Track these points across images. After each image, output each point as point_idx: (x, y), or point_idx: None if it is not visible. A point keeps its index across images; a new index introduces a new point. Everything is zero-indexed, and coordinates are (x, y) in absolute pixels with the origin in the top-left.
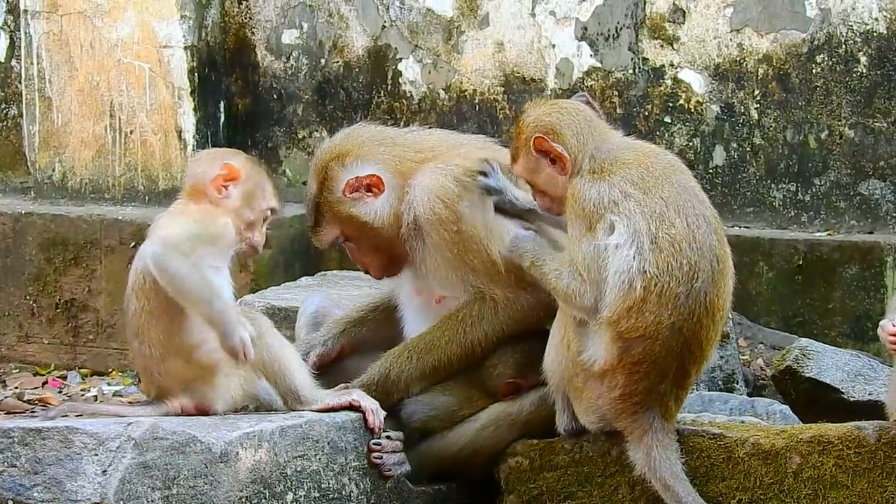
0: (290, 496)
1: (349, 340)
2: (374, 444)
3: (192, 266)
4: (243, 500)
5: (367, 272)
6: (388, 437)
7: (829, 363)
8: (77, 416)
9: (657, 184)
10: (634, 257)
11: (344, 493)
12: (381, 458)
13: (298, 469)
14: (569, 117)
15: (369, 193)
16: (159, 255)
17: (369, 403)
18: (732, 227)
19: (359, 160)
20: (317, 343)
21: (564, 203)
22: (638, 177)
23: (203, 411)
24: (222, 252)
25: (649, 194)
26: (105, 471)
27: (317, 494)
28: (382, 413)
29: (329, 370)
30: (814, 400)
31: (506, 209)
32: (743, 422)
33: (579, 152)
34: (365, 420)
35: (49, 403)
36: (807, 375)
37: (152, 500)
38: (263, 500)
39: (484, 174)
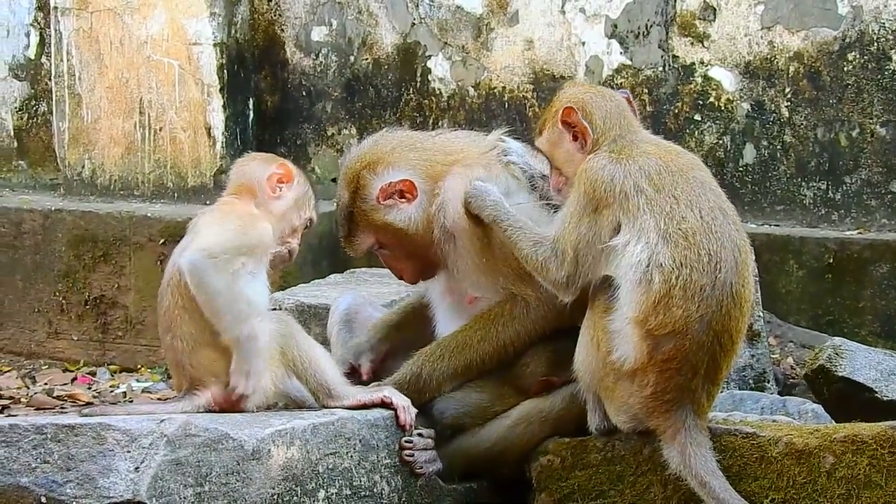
0: (321, 493)
1: (390, 345)
2: (406, 441)
3: (227, 286)
4: (275, 497)
5: (400, 278)
6: (419, 435)
7: (863, 362)
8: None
9: (672, 180)
10: (643, 251)
11: (375, 490)
12: (413, 455)
13: (330, 466)
14: (601, 100)
15: (402, 199)
16: (196, 267)
17: (401, 400)
18: (762, 225)
19: (390, 167)
20: (365, 349)
21: None
22: (655, 171)
23: (234, 405)
24: (261, 259)
25: (661, 192)
26: (137, 467)
27: (348, 492)
28: (414, 410)
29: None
30: (847, 399)
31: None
32: (775, 421)
33: (602, 134)
34: (396, 417)
35: (78, 400)
36: (840, 374)
37: (184, 497)
38: (295, 498)
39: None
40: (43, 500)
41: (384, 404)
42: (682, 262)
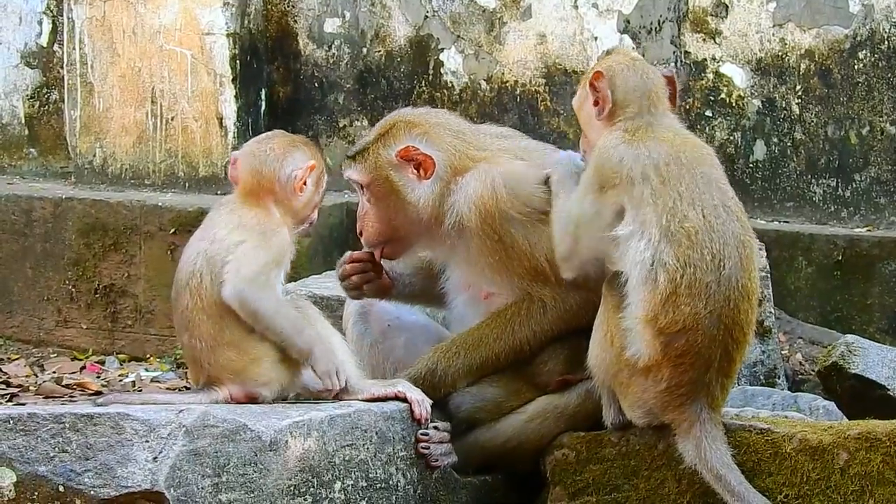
0: (337, 485)
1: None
2: (422, 434)
3: (278, 302)
4: (291, 488)
5: (359, 235)
6: (435, 428)
7: (876, 359)
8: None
9: (679, 173)
10: (647, 248)
11: (391, 482)
12: (429, 448)
13: (346, 458)
14: (631, 73)
15: (415, 172)
16: (245, 299)
17: (415, 395)
18: (772, 221)
19: (425, 137)
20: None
21: None
22: (664, 161)
23: (252, 399)
24: (286, 266)
25: (666, 185)
26: (156, 457)
27: (364, 484)
28: (429, 403)
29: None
30: (860, 396)
31: None
32: (787, 417)
33: (619, 108)
34: (411, 411)
35: (87, 388)
36: (853, 371)
37: (202, 488)
38: (311, 489)
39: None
40: (61, 489)
41: (398, 399)
42: (686, 261)
